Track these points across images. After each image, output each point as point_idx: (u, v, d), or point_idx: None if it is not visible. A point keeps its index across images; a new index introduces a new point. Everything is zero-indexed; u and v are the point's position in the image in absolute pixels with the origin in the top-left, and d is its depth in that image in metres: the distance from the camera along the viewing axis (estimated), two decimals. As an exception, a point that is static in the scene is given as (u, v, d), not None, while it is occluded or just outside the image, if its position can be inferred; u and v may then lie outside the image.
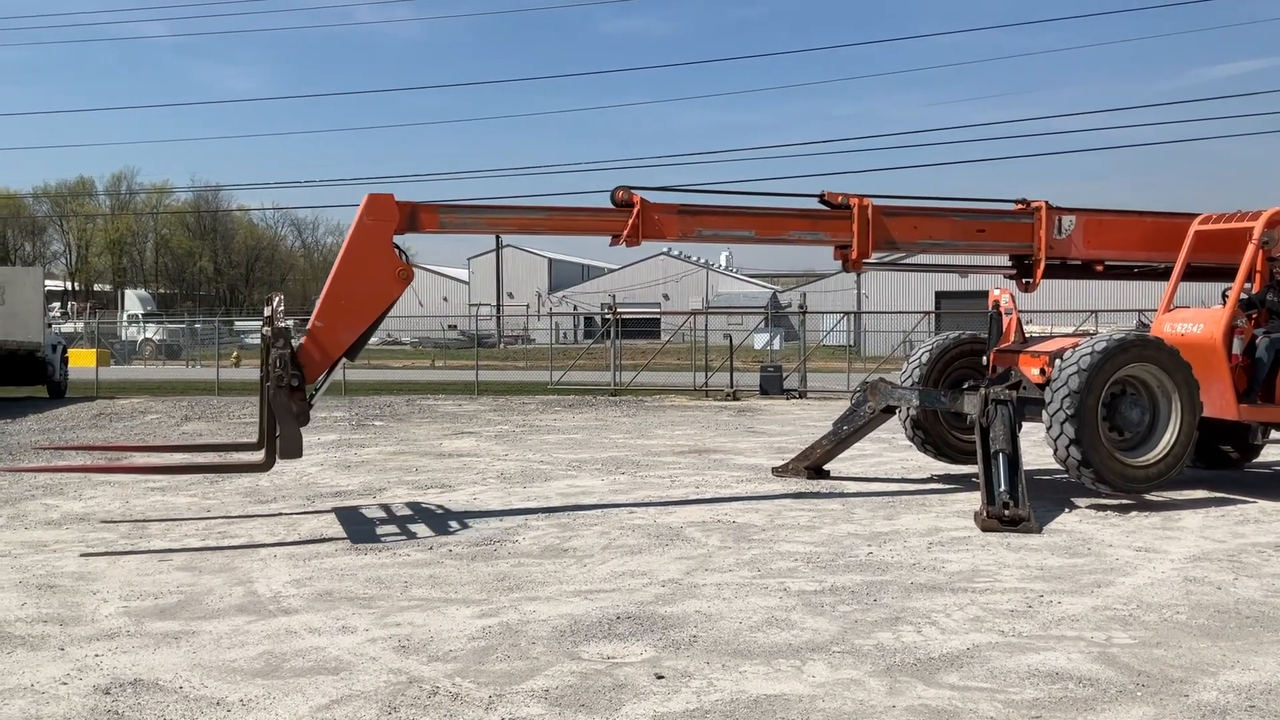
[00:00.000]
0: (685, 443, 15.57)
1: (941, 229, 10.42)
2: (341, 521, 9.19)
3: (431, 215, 9.21)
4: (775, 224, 10.06)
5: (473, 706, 4.70)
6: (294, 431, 8.47)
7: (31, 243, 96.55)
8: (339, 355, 8.96)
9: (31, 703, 4.75)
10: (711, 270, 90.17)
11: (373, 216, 8.91)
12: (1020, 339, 11.08)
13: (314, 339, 8.79)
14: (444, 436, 16.43)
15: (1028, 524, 8.66)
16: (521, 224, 10.04)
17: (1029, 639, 5.73)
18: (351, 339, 8.96)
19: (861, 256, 10.08)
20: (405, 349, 62.73)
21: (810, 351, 30.19)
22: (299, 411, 8.56)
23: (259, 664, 5.30)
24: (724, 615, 6.17)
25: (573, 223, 10.26)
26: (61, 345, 25.77)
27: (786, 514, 9.49)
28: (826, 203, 10.18)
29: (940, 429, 11.47)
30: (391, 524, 9.07)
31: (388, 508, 9.89)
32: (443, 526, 8.93)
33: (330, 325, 8.84)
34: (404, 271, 9.01)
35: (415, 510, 9.75)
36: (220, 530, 8.81)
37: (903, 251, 10.73)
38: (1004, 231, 10.66)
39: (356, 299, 8.90)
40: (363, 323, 8.99)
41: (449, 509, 9.81)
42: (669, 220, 9.63)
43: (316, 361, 8.80)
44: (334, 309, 8.87)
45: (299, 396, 8.56)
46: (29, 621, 6.06)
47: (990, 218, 10.64)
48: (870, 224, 10.02)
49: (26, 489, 10.81)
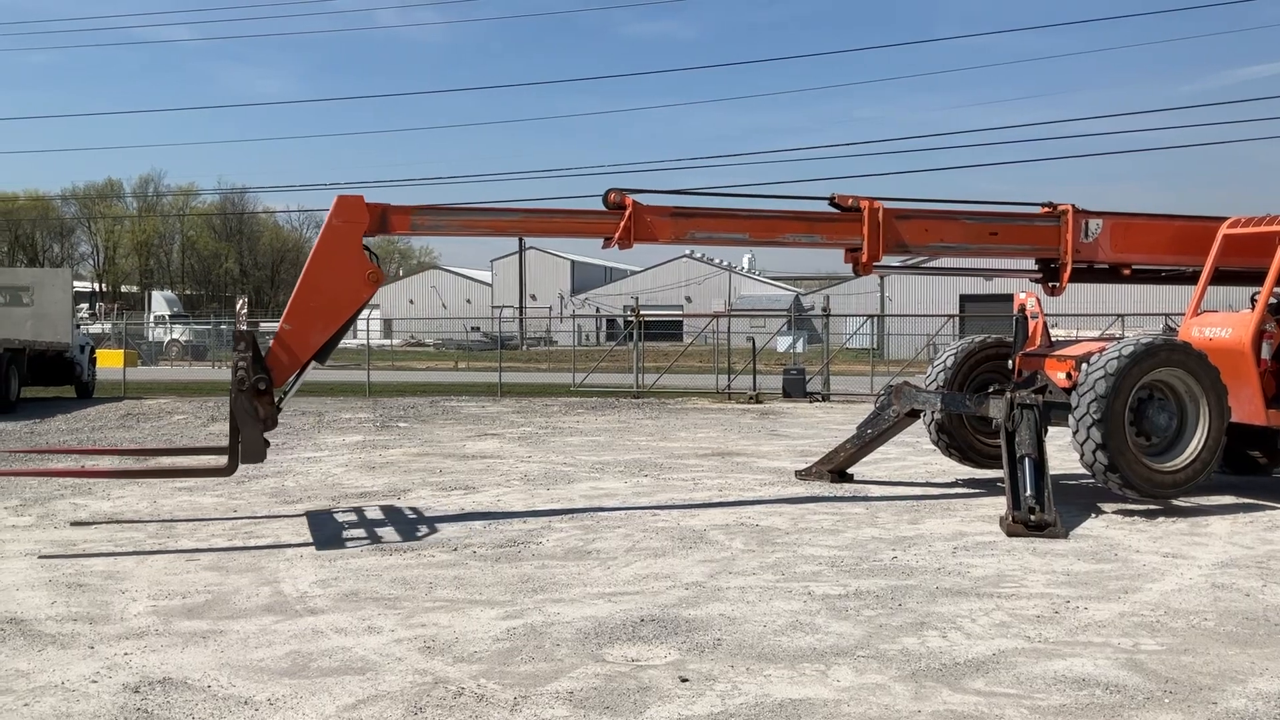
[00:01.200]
0: (708, 445, 15.56)
1: (953, 232, 10.35)
2: (366, 523, 9.23)
3: (402, 217, 9.13)
4: (770, 226, 9.98)
5: (498, 708, 4.72)
6: (255, 435, 8.40)
7: (60, 244, 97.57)
8: (308, 358, 8.87)
9: (62, 700, 4.80)
10: (734, 273, 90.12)
11: (342, 218, 8.84)
12: (1046, 343, 11.01)
13: (282, 342, 8.73)
14: (467, 438, 16.48)
15: (1054, 529, 8.61)
16: (495, 226, 9.98)
17: (1055, 645, 5.70)
18: (321, 341, 8.87)
19: (872, 259, 10.01)
20: (429, 350, 62.96)
21: (833, 354, 30.11)
22: (266, 415, 8.49)
23: (286, 663, 5.34)
24: (748, 619, 6.17)
25: (550, 225, 10.16)
26: (89, 346, 26.00)
27: (810, 517, 9.47)
28: (836, 205, 10.11)
29: (965, 433, 11.42)
30: (416, 525, 9.11)
31: (412, 509, 9.93)
32: (467, 528, 8.96)
33: (299, 328, 8.78)
34: (374, 274, 8.90)
35: (439, 512, 9.78)
36: (246, 530, 8.88)
37: (914, 255, 10.66)
38: (1017, 235, 10.56)
39: (325, 301, 8.81)
40: (332, 325, 8.88)
41: (473, 511, 9.84)
42: (661, 223, 9.57)
43: (284, 364, 8.74)
44: (303, 311, 8.79)
45: (267, 400, 8.50)
46: (59, 620, 6.12)
47: (1003, 220, 10.55)
48: (881, 227, 9.94)
49: (55, 488, 10.92)
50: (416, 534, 8.71)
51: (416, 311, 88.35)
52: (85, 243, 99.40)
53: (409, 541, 8.40)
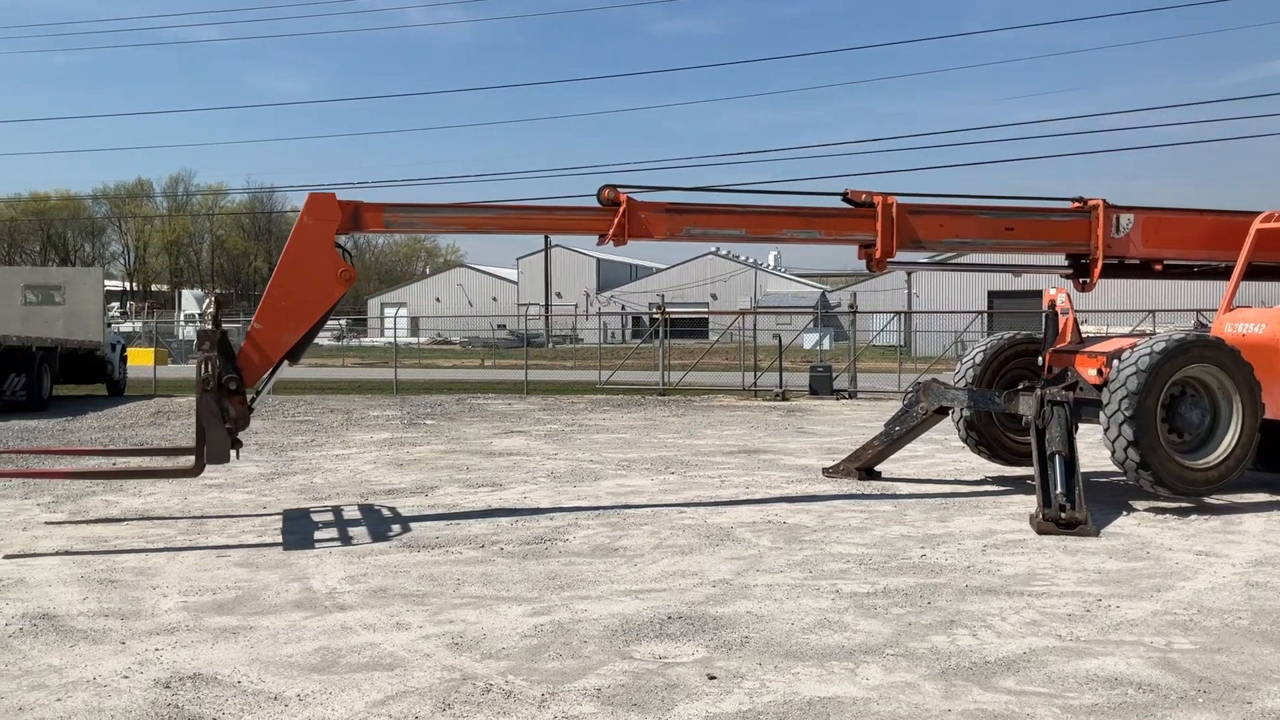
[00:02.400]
0: (734, 443, 15.53)
1: (969, 227, 10.22)
2: (394, 519, 9.27)
3: (375, 215, 9.08)
4: (767, 222, 9.87)
5: (526, 704, 4.72)
6: (220, 436, 8.28)
7: (91, 244, 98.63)
8: (279, 357, 8.78)
9: (94, 695, 4.84)
10: (760, 270, 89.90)
11: (314, 216, 8.76)
12: (1077, 339, 10.92)
13: (253, 341, 8.65)
14: (494, 435, 16.53)
15: (1085, 527, 8.53)
16: (471, 224, 9.91)
17: (1087, 644, 5.65)
18: (293, 341, 8.79)
19: (886, 255, 9.91)
20: (455, 348, 63.20)
21: (860, 352, 29.99)
22: (238, 415, 8.43)
23: (315, 659, 5.36)
24: (776, 616, 6.14)
25: (527, 222, 10.00)
26: (120, 344, 26.26)
27: (838, 515, 9.43)
28: (850, 201, 10.01)
29: (994, 430, 11.34)
30: (443, 522, 9.13)
31: (439, 506, 9.96)
32: (494, 525, 8.98)
33: (270, 327, 8.70)
34: (346, 272, 8.83)
35: (466, 508, 9.81)
36: (276, 526, 8.93)
37: (929, 250, 10.56)
38: (1034, 230, 10.40)
39: (297, 300, 8.74)
40: (304, 324, 8.81)
41: (500, 507, 9.85)
42: (656, 219, 9.47)
43: (256, 364, 8.66)
44: (274, 310, 8.72)
45: (238, 400, 8.45)
46: (90, 616, 6.17)
47: (1020, 215, 10.41)
48: (895, 222, 9.84)
49: (87, 486, 11.02)
50: (444, 531, 8.73)
51: (443, 310, 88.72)
52: (116, 242, 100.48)
53: (436, 538, 8.42)
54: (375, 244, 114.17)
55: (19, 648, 5.55)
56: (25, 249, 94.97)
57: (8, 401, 20.37)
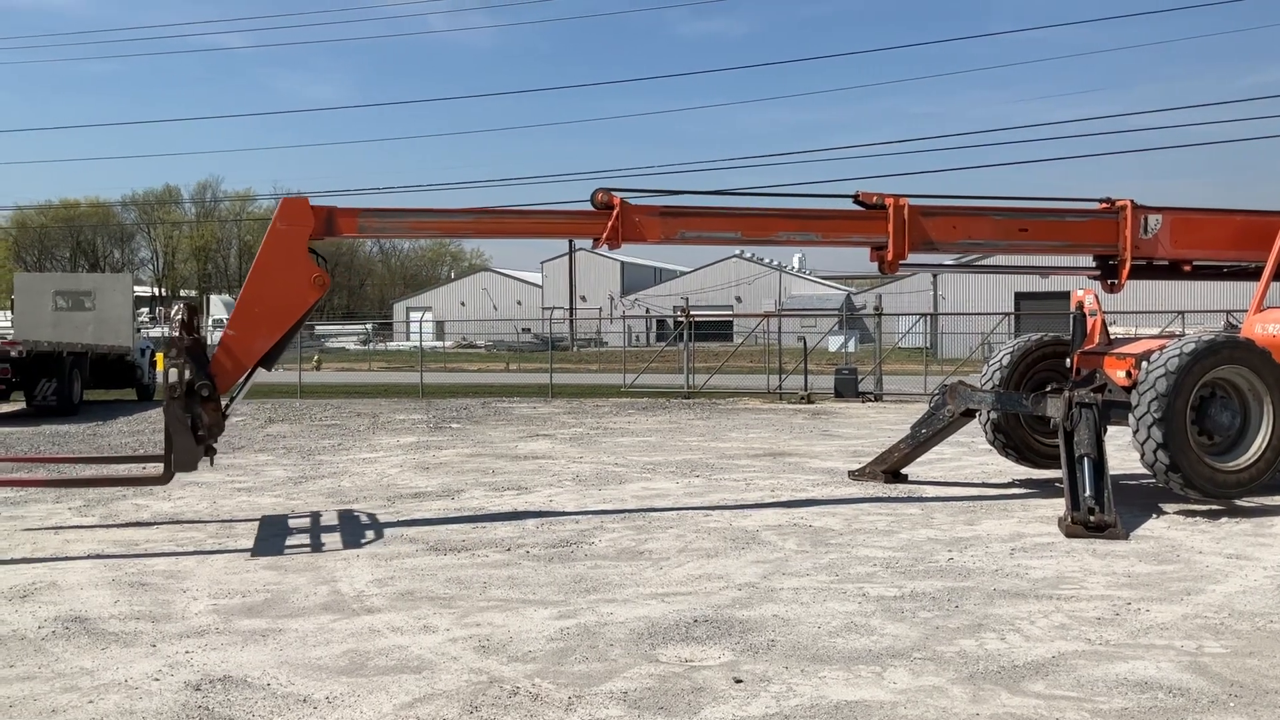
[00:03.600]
0: (760, 446, 15.51)
1: (982, 229, 10.14)
2: (421, 523, 9.31)
3: (350, 219, 9.06)
4: (762, 225, 9.82)
5: (553, 707, 4.73)
6: (188, 444, 8.21)
7: (120, 250, 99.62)
8: (252, 364, 8.74)
9: (125, 698, 4.89)
10: (784, 272, 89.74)
11: (286, 222, 8.70)
12: (1105, 341, 10.84)
13: (226, 348, 8.60)
14: (519, 439, 16.57)
15: (1114, 530, 8.47)
16: (446, 228, 9.86)
17: (1117, 647, 5.61)
18: (265, 347, 8.73)
19: (898, 258, 9.85)
20: (480, 352, 63.40)
21: (886, 354, 29.88)
22: (211, 422, 8.40)
23: (344, 662, 5.39)
24: (802, 620, 6.13)
25: (502, 225, 9.93)
26: (150, 349, 26.48)
27: (864, 518, 9.40)
28: (861, 203, 9.96)
29: (1022, 432, 11.27)
30: (469, 525, 9.17)
31: (465, 509, 9.99)
32: (519, 528, 9.00)
33: (243, 333, 8.65)
34: (319, 278, 8.75)
35: (492, 512, 9.84)
36: (304, 530, 8.98)
37: (942, 252, 10.46)
38: (1049, 230, 10.28)
39: (270, 306, 8.68)
40: (277, 330, 8.75)
41: (525, 510, 9.88)
42: (650, 222, 9.43)
43: (228, 371, 8.61)
44: (247, 317, 8.67)
45: (211, 407, 8.41)
46: (121, 618, 6.23)
47: (1034, 216, 10.32)
48: (907, 224, 9.78)
49: (117, 490, 11.12)
50: (470, 534, 8.76)
51: (468, 314, 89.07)
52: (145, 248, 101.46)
53: (463, 541, 8.45)
54: (401, 248, 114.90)
55: (52, 650, 5.61)
56: (55, 255, 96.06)
57: (39, 406, 20.61)
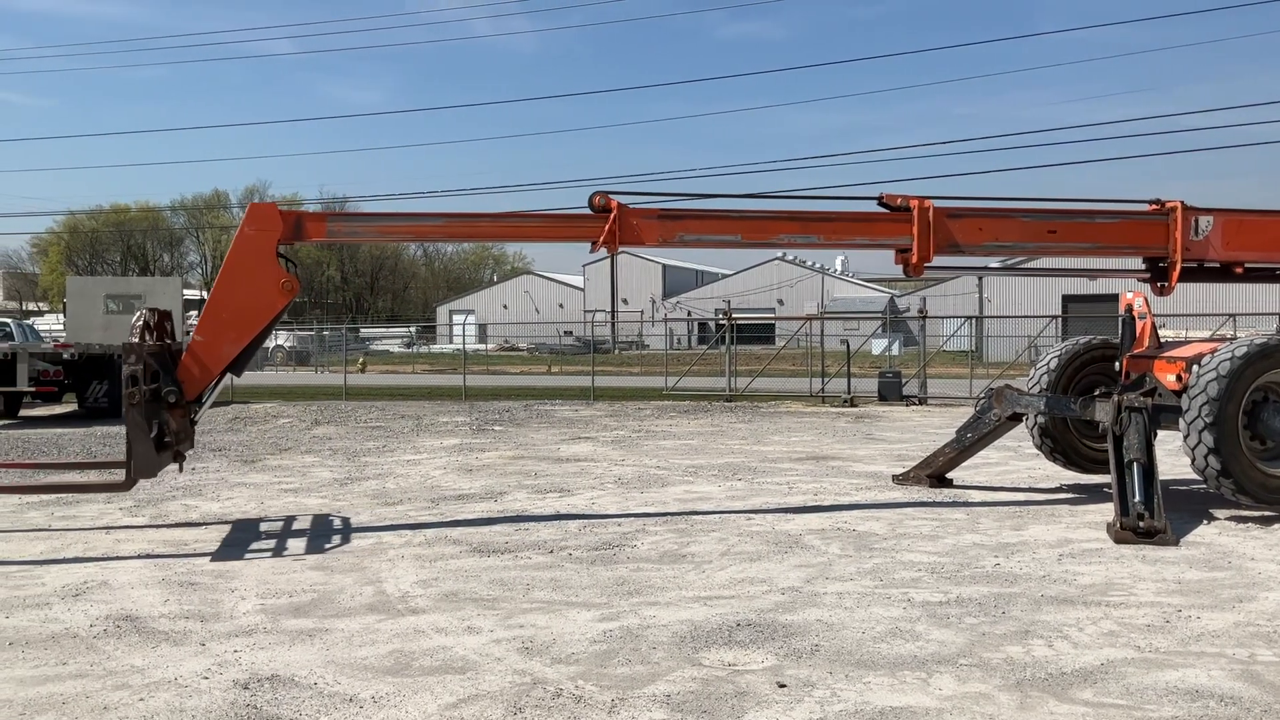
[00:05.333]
0: (802, 449, 15.44)
1: (1009, 231, 9.97)
2: (463, 524, 9.37)
3: (318, 224, 9.07)
4: (762, 228, 9.67)
5: (596, 709, 4.74)
6: (147, 450, 8.16)
7: (170, 253, 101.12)
8: (220, 370, 8.66)
9: (176, 696, 4.96)
10: (827, 275, 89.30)
11: (254, 226, 8.65)
12: (1155, 344, 10.68)
13: (194, 354, 8.56)
14: (561, 441, 16.62)
15: (1164, 536, 8.35)
16: (417, 232, 9.82)
17: (1167, 655, 5.52)
18: (234, 353, 8.66)
19: (922, 260, 9.72)
20: (522, 354, 63.67)
21: (930, 357, 29.64)
22: (179, 428, 8.38)
23: (389, 662, 5.44)
24: (846, 625, 6.10)
25: (473, 229, 9.78)
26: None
27: (908, 523, 9.33)
28: (885, 205, 9.85)
29: (1070, 437, 11.14)
30: (512, 527, 9.21)
31: (508, 511, 10.04)
32: (562, 530, 9.03)
33: (210, 339, 8.59)
34: (288, 283, 8.68)
35: (534, 514, 9.88)
36: (349, 531, 9.06)
37: (968, 254, 10.32)
38: (1079, 232, 10.09)
39: (238, 312, 8.63)
40: (245, 336, 8.67)
41: (568, 513, 9.91)
42: (648, 225, 9.34)
43: (196, 377, 8.54)
44: (215, 322, 8.61)
45: (178, 413, 8.41)
46: (171, 618, 6.33)
47: (1063, 218, 10.15)
48: (931, 226, 9.66)
49: (167, 490, 11.30)
50: (513, 536, 8.80)
51: (510, 316, 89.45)
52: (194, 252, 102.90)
53: (506, 543, 8.49)
54: (444, 252, 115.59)
55: (103, 648, 5.71)
56: (106, 259, 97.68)
57: (91, 408, 21.00)
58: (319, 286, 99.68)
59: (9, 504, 10.05)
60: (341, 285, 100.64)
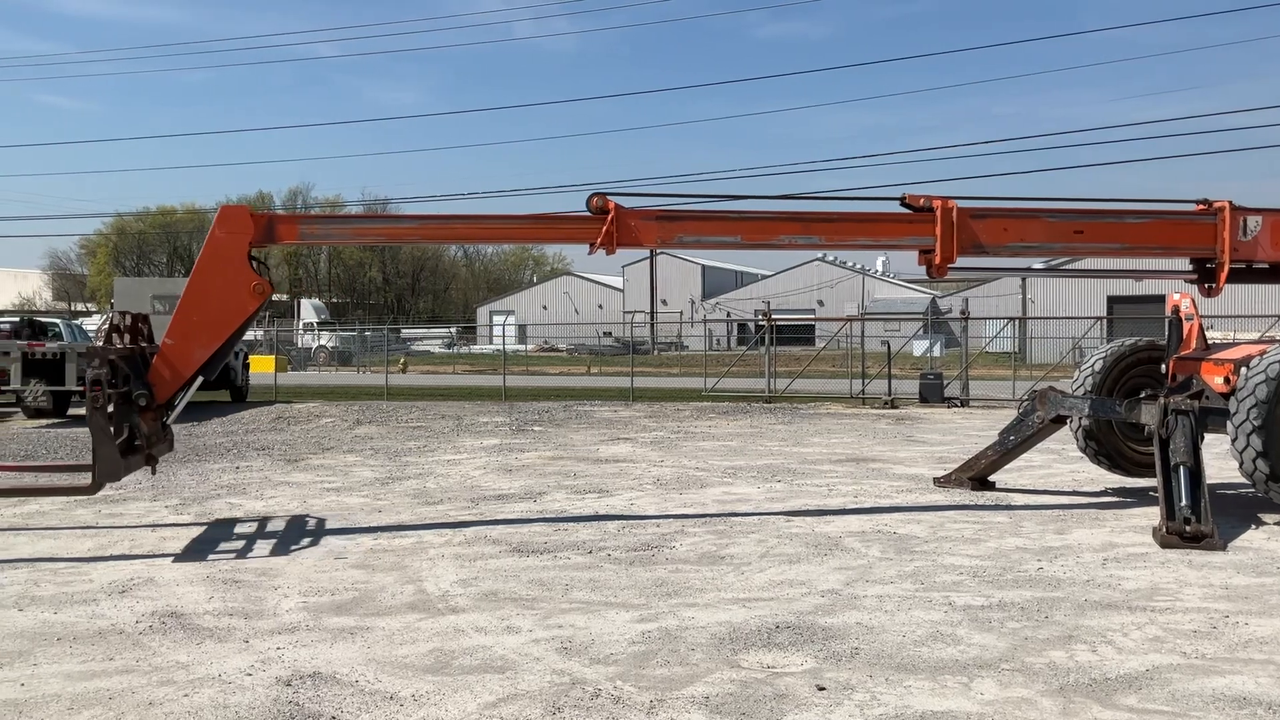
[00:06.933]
0: (842, 451, 15.36)
1: (1035, 231, 9.82)
2: (502, 524, 9.41)
3: (290, 227, 9.04)
4: (763, 228, 9.58)
5: (634, 710, 4.75)
6: (111, 454, 8.10)
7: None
8: (191, 373, 8.64)
9: (220, 692, 5.02)
10: (867, 275, 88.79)
11: (225, 229, 8.63)
12: (1202, 346, 10.52)
13: (164, 357, 8.54)
14: (600, 442, 16.64)
15: (1211, 540, 8.22)
16: (390, 234, 9.74)
17: (1213, 661, 5.44)
18: (205, 356, 8.63)
19: (946, 261, 9.62)
20: (562, 355, 63.84)
21: (973, 358, 29.37)
22: (150, 432, 8.37)
23: (429, 660, 5.48)
24: (886, 628, 6.06)
25: (450, 231, 9.69)
26: (243, 352, 27.16)
27: (950, 526, 9.26)
28: (908, 205, 9.75)
29: (1115, 440, 11.00)
30: (551, 527, 9.23)
31: (547, 511, 10.07)
32: (601, 530, 9.04)
33: (181, 342, 8.57)
34: (259, 286, 8.66)
35: (573, 514, 9.90)
36: (390, 530, 9.13)
37: (993, 255, 10.20)
38: (1106, 233, 9.93)
39: (209, 315, 8.60)
40: (216, 340, 8.65)
41: (607, 513, 9.92)
42: (646, 226, 9.26)
43: (167, 380, 8.52)
44: (185, 325, 8.58)
45: (150, 416, 8.41)
46: (216, 615, 6.41)
47: (1090, 218, 10.00)
48: (955, 227, 9.53)
49: (212, 489, 11.45)
50: (552, 536, 8.82)
51: (550, 317, 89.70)
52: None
53: (545, 543, 8.51)
54: (485, 253, 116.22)
55: (149, 644, 5.79)
56: (153, 260, 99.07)
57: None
58: (361, 288, 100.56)
59: (58, 502, 10.20)
60: (383, 286, 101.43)
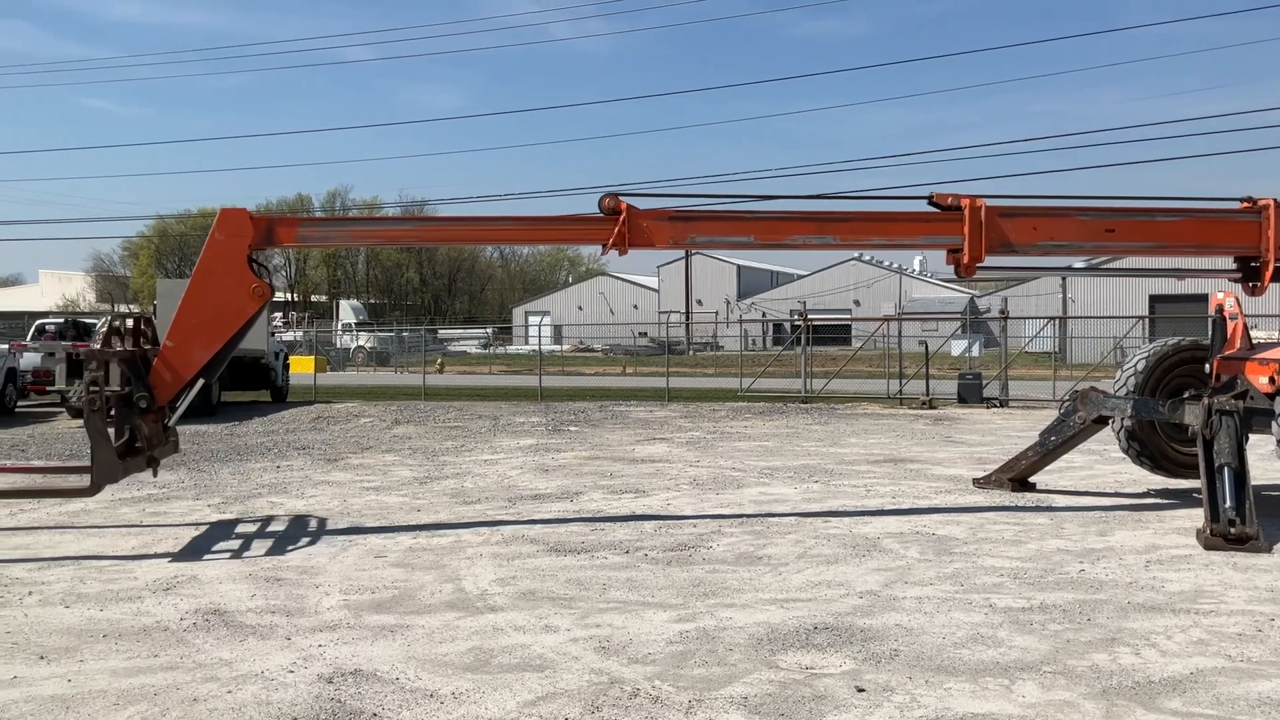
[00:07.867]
0: (879, 451, 15.28)
1: (1065, 230, 9.69)
2: (540, 523, 9.45)
3: (289, 229, 9.05)
4: (776, 228, 9.49)
5: (673, 710, 4.75)
6: (108, 456, 8.17)
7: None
8: (192, 375, 8.67)
9: (262, 688, 5.08)
10: (905, 275, 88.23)
11: (225, 232, 8.65)
12: (1247, 345, 10.38)
13: (165, 359, 8.58)
14: (636, 442, 16.65)
15: (1256, 543, 8.11)
16: (388, 236, 9.69)
17: (1259, 665, 5.37)
18: (205, 358, 8.67)
19: (974, 260, 9.52)
20: (597, 356, 63.94)
21: (1012, 358, 29.11)
22: (150, 434, 8.41)
23: (468, 659, 5.51)
24: (926, 630, 6.02)
25: (447, 233, 9.61)
26: (284, 353, 27.44)
27: (990, 527, 9.19)
28: (936, 204, 9.66)
29: (1157, 440, 10.87)
30: (588, 527, 9.26)
31: (584, 511, 10.09)
32: (638, 530, 9.05)
33: (181, 345, 8.60)
34: (259, 288, 8.67)
35: (610, 514, 9.92)
36: (429, 530, 9.20)
37: (1022, 254, 10.07)
38: (1139, 231, 9.78)
39: (209, 318, 8.63)
40: (216, 342, 8.69)
41: (643, 513, 9.93)
42: (658, 227, 9.20)
43: (167, 383, 8.56)
44: (186, 328, 8.62)
45: (150, 419, 8.45)
46: (258, 612, 6.48)
47: (1122, 216, 9.87)
48: (984, 226, 9.43)
49: (254, 488, 11.58)
50: (589, 536, 8.85)
51: (585, 318, 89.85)
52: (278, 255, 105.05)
53: (582, 543, 8.54)
54: (520, 254, 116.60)
55: (193, 641, 5.87)
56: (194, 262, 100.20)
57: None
58: (399, 289, 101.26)
59: (102, 500, 10.34)
60: (420, 287, 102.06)
